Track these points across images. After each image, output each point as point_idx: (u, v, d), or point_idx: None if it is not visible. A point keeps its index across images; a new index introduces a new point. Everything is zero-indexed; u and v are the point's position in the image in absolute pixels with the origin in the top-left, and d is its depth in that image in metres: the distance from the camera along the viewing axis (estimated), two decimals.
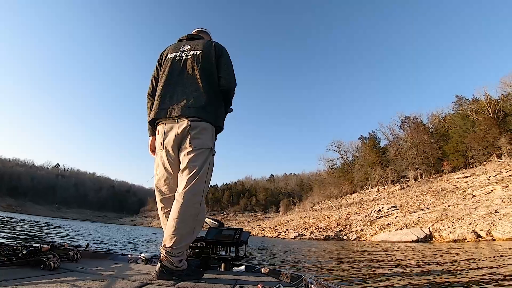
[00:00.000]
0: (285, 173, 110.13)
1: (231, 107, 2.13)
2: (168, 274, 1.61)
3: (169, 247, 1.64)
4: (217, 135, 2.01)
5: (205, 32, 2.31)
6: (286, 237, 34.44)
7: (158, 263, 1.66)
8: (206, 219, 2.67)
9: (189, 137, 1.77)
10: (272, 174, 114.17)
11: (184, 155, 1.77)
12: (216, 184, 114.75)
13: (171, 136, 1.80)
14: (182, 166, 1.78)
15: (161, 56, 2.11)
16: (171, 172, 1.84)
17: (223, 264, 2.47)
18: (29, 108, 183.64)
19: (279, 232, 39.13)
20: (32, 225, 15.50)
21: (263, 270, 2.36)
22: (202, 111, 1.81)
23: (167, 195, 1.85)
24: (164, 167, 1.85)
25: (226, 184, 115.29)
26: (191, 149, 1.77)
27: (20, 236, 8.10)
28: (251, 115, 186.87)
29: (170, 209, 1.75)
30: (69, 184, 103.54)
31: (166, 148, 1.82)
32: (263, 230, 47.38)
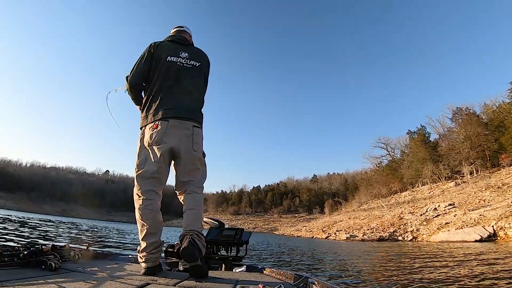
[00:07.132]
0: (328, 173, 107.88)
1: None
2: (196, 249, 1.67)
3: (196, 228, 1.78)
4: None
5: (188, 33, 2.34)
6: (336, 239, 34.16)
7: (188, 238, 1.69)
8: (207, 219, 2.83)
9: (192, 142, 1.91)
10: (314, 174, 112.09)
11: (190, 158, 1.91)
12: (259, 186, 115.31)
13: (173, 133, 1.87)
14: (189, 167, 1.92)
15: (156, 47, 2.07)
16: (161, 166, 1.87)
17: (224, 264, 2.50)
18: (87, 118, 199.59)
19: (328, 234, 38.97)
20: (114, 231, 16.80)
21: (264, 270, 2.35)
22: (199, 116, 2.04)
23: (152, 188, 1.86)
24: (156, 161, 1.85)
25: (268, 185, 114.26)
26: (195, 152, 1.92)
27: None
28: (292, 117, 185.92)
29: (152, 202, 1.84)
30: (117, 189, 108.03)
31: (164, 142, 1.85)
32: (310, 231, 47.67)
